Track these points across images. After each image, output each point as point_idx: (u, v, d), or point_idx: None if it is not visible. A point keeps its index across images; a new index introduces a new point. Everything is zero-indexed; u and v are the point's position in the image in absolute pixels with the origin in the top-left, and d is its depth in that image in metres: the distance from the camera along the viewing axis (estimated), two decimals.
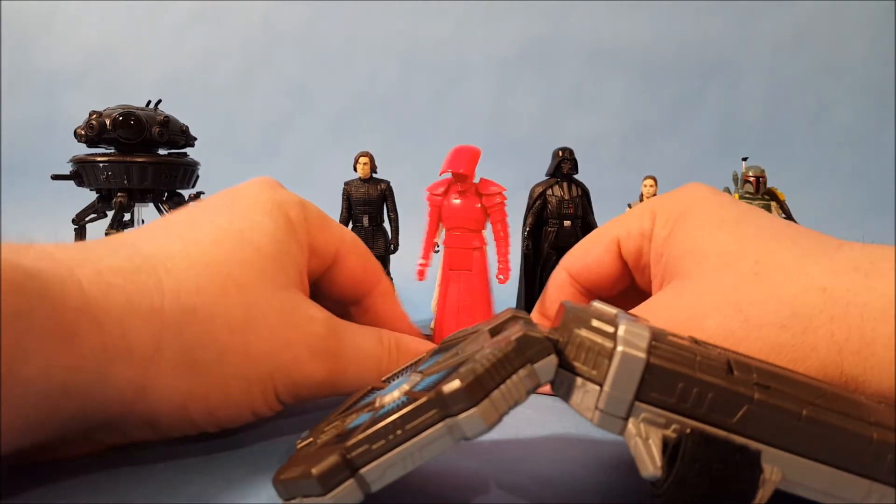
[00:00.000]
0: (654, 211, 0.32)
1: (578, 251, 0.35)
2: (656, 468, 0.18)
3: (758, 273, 0.26)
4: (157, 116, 0.54)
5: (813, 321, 0.24)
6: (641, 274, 0.33)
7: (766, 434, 0.18)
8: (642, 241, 0.32)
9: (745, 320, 0.25)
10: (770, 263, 0.26)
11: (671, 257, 0.30)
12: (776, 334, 0.24)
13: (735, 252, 0.28)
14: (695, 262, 0.29)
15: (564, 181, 0.61)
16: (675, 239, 0.30)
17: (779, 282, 0.25)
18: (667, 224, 0.31)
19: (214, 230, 0.28)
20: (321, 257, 0.32)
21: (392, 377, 0.28)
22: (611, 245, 0.33)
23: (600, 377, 0.19)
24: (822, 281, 0.24)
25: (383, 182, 0.61)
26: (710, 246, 0.29)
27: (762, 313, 0.25)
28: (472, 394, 0.18)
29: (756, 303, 0.25)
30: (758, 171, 0.64)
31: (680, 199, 0.32)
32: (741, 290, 0.26)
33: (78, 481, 0.24)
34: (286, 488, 0.20)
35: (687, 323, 0.26)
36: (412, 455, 0.19)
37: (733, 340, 0.25)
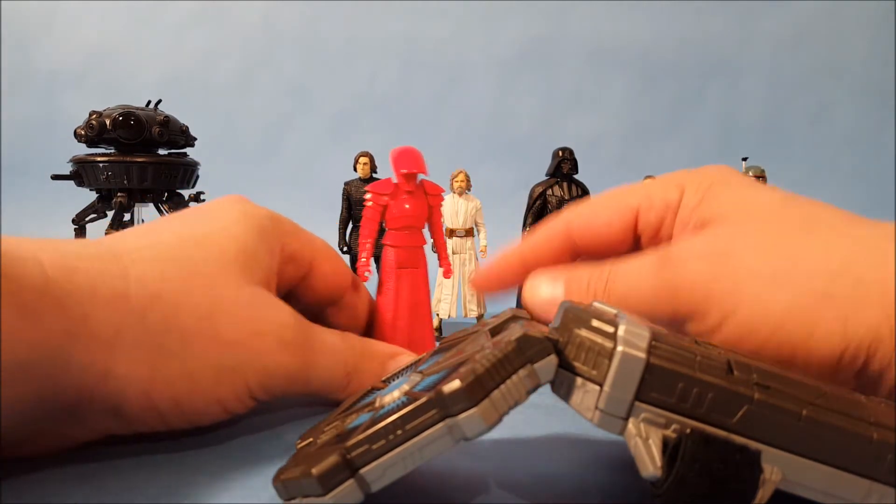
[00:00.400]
0: (683, 183, 0.30)
1: (587, 211, 0.32)
2: (656, 468, 0.18)
3: (807, 226, 0.25)
4: (157, 116, 0.54)
5: (865, 274, 0.22)
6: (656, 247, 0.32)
7: (767, 434, 0.18)
8: (666, 213, 0.30)
9: (796, 264, 0.23)
10: (819, 221, 0.25)
11: (705, 216, 0.28)
12: (826, 284, 0.23)
13: (782, 207, 0.26)
14: (736, 210, 0.27)
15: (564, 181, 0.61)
16: (709, 202, 0.28)
17: (830, 237, 0.24)
18: (698, 192, 0.29)
19: (180, 233, 0.28)
20: (298, 263, 0.33)
21: (392, 377, 0.28)
22: (626, 214, 0.31)
23: (600, 377, 0.19)
24: (874, 242, 0.23)
25: None
26: (754, 200, 0.27)
27: (813, 260, 0.23)
28: (472, 394, 0.18)
29: (807, 250, 0.24)
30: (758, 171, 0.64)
31: (711, 172, 0.30)
32: (790, 238, 0.24)
33: (78, 481, 0.24)
34: (286, 488, 0.20)
35: (727, 257, 0.24)
36: (412, 455, 0.19)
37: (780, 281, 0.23)
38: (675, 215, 0.30)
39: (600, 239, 0.32)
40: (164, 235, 0.28)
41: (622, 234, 0.31)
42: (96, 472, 0.25)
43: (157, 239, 0.27)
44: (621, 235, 0.31)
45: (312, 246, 0.34)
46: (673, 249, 0.27)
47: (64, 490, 0.24)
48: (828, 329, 0.22)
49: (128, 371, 0.24)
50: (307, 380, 0.29)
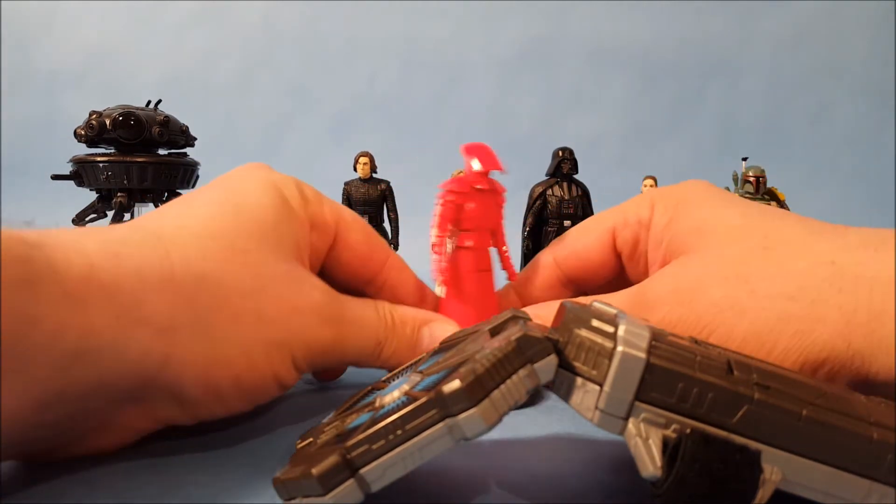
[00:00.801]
0: (653, 200, 0.32)
1: (569, 238, 0.35)
2: (656, 468, 0.18)
3: (766, 248, 0.26)
4: (157, 116, 0.54)
5: (821, 293, 0.23)
6: (635, 265, 0.33)
7: (766, 434, 0.18)
8: (639, 229, 0.32)
9: (752, 291, 0.25)
10: (778, 239, 0.26)
11: (674, 239, 0.30)
12: (783, 305, 0.24)
13: (742, 227, 0.28)
14: (700, 238, 0.28)
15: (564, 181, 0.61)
16: (677, 221, 0.30)
17: (787, 256, 0.25)
18: (667, 210, 0.31)
19: (211, 207, 0.28)
20: (322, 231, 0.32)
21: (392, 377, 0.28)
22: (604, 235, 0.33)
23: (600, 377, 0.19)
24: (832, 256, 0.24)
25: (383, 182, 0.61)
26: (716, 222, 0.29)
27: (770, 285, 0.25)
28: (472, 394, 0.18)
29: (764, 275, 0.25)
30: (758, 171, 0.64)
31: (681, 189, 0.32)
32: (749, 263, 0.26)
33: (78, 481, 0.24)
34: (286, 488, 0.20)
35: (692, 293, 0.26)
36: (412, 455, 0.19)
37: (739, 310, 0.25)
38: (648, 232, 0.32)
39: (585, 263, 0.34)
40: (200, 209, 0.28)
41: (604, 256, 0.33)
42: (96, 472, 0.25)
43: (194, 213, 0.28)
44: (603, 257, 0.33)
45: (338, 214, 0.33)
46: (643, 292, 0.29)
47: (64, 490, 0.24)
48: (784, 349, 0.24)
49: (186, 355, 0.24)
50: (343, 351, 0.30)
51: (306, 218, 0.31)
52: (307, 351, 0.28)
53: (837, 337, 0.23)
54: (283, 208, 0.30)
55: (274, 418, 0.32)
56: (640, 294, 0.29)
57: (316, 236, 0.32)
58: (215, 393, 0.26)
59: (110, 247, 0.23)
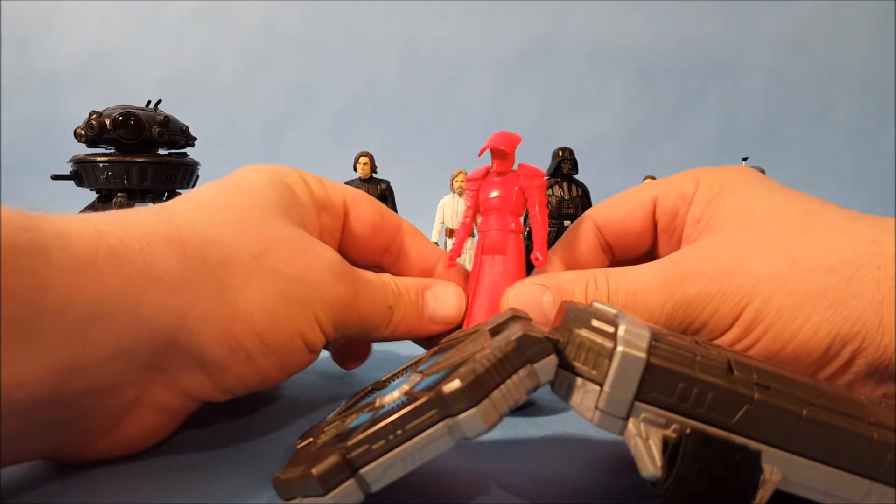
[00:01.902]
0: (699, 177, 0.32)
1: (611, 203, 0.35)
2: (656, 468, 0.18)
3: (807, 224, 0.26)
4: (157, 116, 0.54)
5: (860, 269, 0.24)
6: (668, 238, 0.33)
7: (767, 434, 0.18)
8: (681, 202, 0.32)
9: (793, 262, 0.25)
10: (819, 217, 0.27)
11: (714, 216, 0.30)
12: (822, 277, 0.24)
13: (782, 206, 0.28)
14: (741, 216, 0.28)
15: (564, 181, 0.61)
16: (720, 201, 0.30)
17: (828, 231, 0.26)
18: (711, 188, 0.31)
19: (213, 189, 0.29)
20: (332, 211, 0.33)
21: (392, 377, 0.28)
22: (646, 202, 0.33)
23: (600, 377, 0.19)
24: (872, 234, 0.25)
25: (383, 182, 0.61)
26: (756, 202, 0.29)
27: (810, 257, 0.25)
28: (472, 394, 0.18)
29: (805, 247, 0.25)
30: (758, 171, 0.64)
31: (728, 170, 0.32)
32: (790, 237, 0.26)
33: (77, 481, 0.24)
34: (286, 488, 0.20)
35: (731, 263, 0.26)
36: (412, 455, 0.19)
37: (779, 280, 0.25)
38: (689, 206, 0.32)
39: (624, 229, 0.34)
40: (202, 192, 0.28)
41: (643, 224, 0.33)
42: (95, 472, 0.25)
43: (197, 195, 0.28)
44: (643, 224, 0.33)
45: (343, 192, 0.34)
46: (680, 263, 0.28)
47: (63, 490, 0.24)
48: (817, 322, 0.24)
49: (205, 311, 0.24)
50: (359, 312, 0.30)
51: (312, 203, 0.31)
52: (328, 307, 0.28)
53: (871, 312, 0.23)
54: (285, 191, 0.30)
55: (274, 418, 0.32)
56: (675, 265, 0.28)
57: (326, 217, 0.32)
58: (241, 352, 0.25)
59: (116, 216, 0.24)
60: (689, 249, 0.29)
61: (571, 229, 0.36)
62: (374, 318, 0.31)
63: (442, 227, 0.62)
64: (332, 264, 0.28)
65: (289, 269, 0.26)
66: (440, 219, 0.62)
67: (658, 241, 0.34)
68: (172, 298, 0.23)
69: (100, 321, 0.21)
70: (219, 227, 0.26)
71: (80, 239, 0.21)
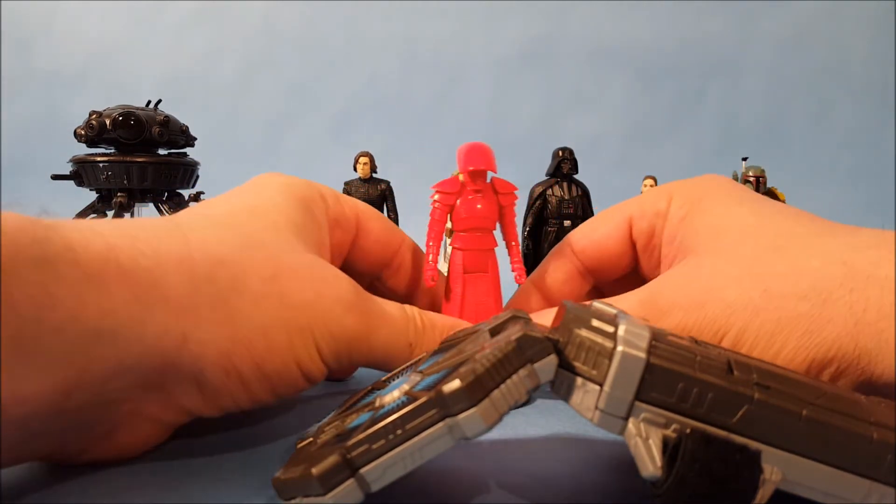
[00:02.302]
0: (672, 193, 0.32)
1: (586, 227, 0.35)
2: (656, 468, 0.18)
3: (778, 247, 0.26)
4: (157, 116, 0.54)
5: (833, 293, 0.24)
6: (649, 256, 0.33)
7: (767, 434, 0.18)
8: (656, 220, 0.32)
9: (765, 290, 0.25)
10: (790, 238, 0.27)
11: (687, 236, 0.30)
12: (795, 304, 0.24)
13: (755, 226, 0.28)
14: (713, 237, 0.29)
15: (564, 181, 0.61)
16: (692, 218, 0.30)
17: (799, 255, 0.26)
18: (684, 205, 0.31)
19: (227, 205, 0.29)
20: (345, 227, 0.33)
21: (392, 377, 0.28)
22: (621, 224, 0.33)
23: (600, 377, 0.19)
24: (843, 255, 0.24)
25: (383, 182, 0.61)
26: (729, 222, 0.29)
27: (782, 284, 0.25)
28: (472, 394, 0.18)
29: (776, 274, 0.25)
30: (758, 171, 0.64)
31: (699, 184, 0.32)
32: (761, 262, 0.26)
33: (77, 481, 0.24)
34: (286, 488, 0.20)
35: (705, 294, 0.26)
36: (412, 455, 0.19)
37: (752, 310, 0.25)
38: (665, 223, 0.32)
39: (602, 253, 0.34)
40: (217, 208, 0.28)
41: (621, 245, 0.33)
42: (96, 472, 0.25)
43: (211, 211, 0.28)
44: (620, 246, 0.33)
45: (356, 208, 0.34)
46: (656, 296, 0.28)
47: (63, 490, 0.24)
48: (793, 348, 0.24)
49: (206, 334, 0.24)
50: (370, 346, 0.29)
51: (326, 219, 0.32)
52: (331, 339, 0.27)
53: (846, 336, 0.23)
54: (299, 208, 0.30)
55: (274, 418, 0.32)
56: (651, 298, 0.29)
57: (340, 233, 0.33)
58: (236, 377, 0.25)
59: (127, 230, 0.23)
60: (664, 279, 0.29)
61: (549, 257, 0.36)
62: (390, 353, 0.30)
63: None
64: (345, 294, 0.28)
65: (297, 297, 0.26)
66: None
67: (639, 260, 0.34)
68: (176, 320, 0.23)
69: (104, 338, 0.21)
70: (231, 248, 0.26)
71: (89, 253, 0.21)
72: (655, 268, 0.33)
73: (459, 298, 0.37)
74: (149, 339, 0.22)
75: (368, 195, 0.61)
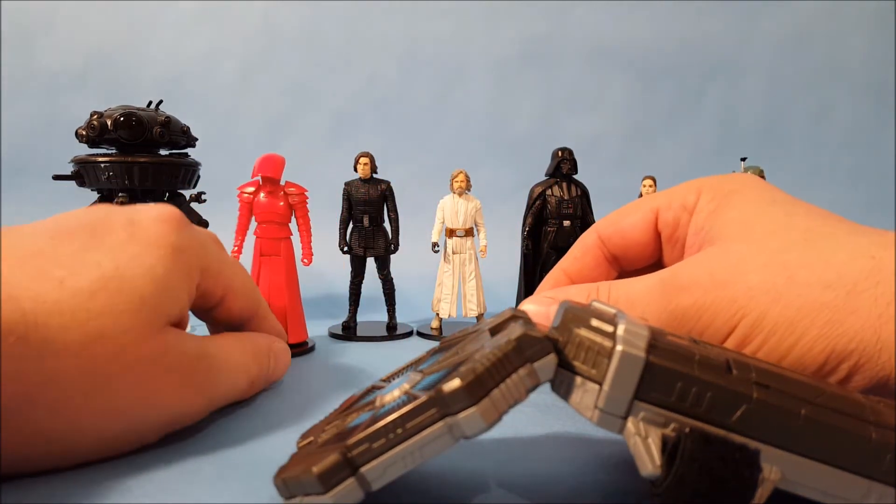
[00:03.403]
0: (701, 187, 0.32)
1: (614, 215, 0.35)
2: (655, 467, 0.18)
3: (807, 241, 0.26)
4: (158, 117, 0.54)
5: (858, 284, 0.24)
6: (672, 247, 0.33)
7: (766, 433, 0.18)
8: (682, 212, 0.32)
9: (790, 277, 0.25)
10: (820, 233, 0.26)
11: (715, 227, 0.30)
12: (819, 293, 0.24)
13: (785, 223, 0.28)
14: (742, 229, 0.28)
15: (564, 181, 0.61)
16: (722, 212, 0.30)
17: (828, 248, 0.25)
18: (714, 199, 0.31)
19: (97, 275, 0.26)
20: (207, 299, 0.34)
21: (392, 377, 0.28)
22: (648, 214, 0.33)
23: (600, 376, 0.19)
24: (871, 251, 0.24)
25: (384, 182, 0.61)
26: (759, 217, 0.29)
27: (808, 273, 0.25)
28: (472, 393, 0.18)
29: (803, 264, 0.25)
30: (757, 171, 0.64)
31: (730, 180, 0.32)
32: (789, 252, 0.26)
33: (77, 481, 0.24)
34: (287, 487, 0.20)
35: (728, 275, 0.26)
36: (412, 454, 0.19)
37: (774, 295, 0.25)
38: (691, 216, 0.32)
39: (628, 241, 0.34)
40: (79, 278, 0.25)
41: (646, 235, 0.33)
42: (96, 473, 0.25)
43: (72, 286, 0.25)
44: (646, 236, 0.33)
45: (228, 284, 0.35)
46: (677, 274, 0.28)
47: (64, 490, 0.24)
48: (813, 337, 0.24)
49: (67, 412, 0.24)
50: (212, 407, 0.31)
51: (196, 284, 0.32)
52: (173, 423, 0.29)
53: (869, 329, 0.23)
54: (176, 276, 0.29)
55: (274, 418, 0.32)
56: (672, 276, 0.28)
57: (200, 301, 0.34)
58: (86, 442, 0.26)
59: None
60: (689, 260, 0.29)
61: (577, 243, 0.36)
62: (232, 398, 0.33)
63: (442, 227, 0.62)
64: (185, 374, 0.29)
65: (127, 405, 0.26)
66: (440, 219, 0.62)
67: (663, 252, 0.34)
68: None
69: None
70: (70, 346, 0.24)
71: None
72: (678, 259, 0.33)
73: (255, 276, 0.51)
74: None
75: (369, 195, 0.61)
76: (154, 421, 0.28)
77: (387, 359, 0.49)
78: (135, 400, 0.26)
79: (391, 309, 0.63)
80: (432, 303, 0.63)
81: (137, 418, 0.27)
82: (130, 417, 0.27)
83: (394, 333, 0.59)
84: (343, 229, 0.62)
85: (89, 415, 0.25)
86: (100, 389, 0.25)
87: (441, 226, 0.62)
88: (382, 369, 0.33)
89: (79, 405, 0.25)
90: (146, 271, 0.27)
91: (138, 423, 0.27)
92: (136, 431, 0.27)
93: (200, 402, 0.30)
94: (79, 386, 0.24)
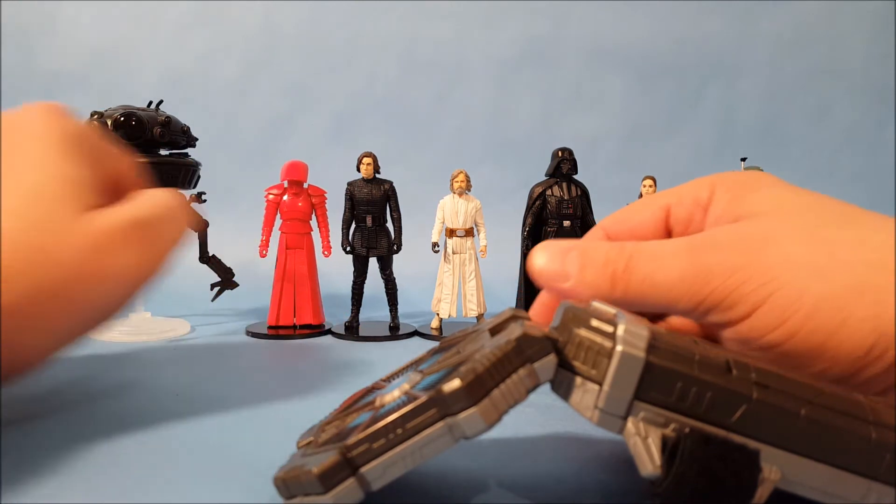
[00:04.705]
0: (714, 182, 0.30)
1: (621, 213, 0.34)
2: (655, 467, 0.18)
3: (842, 220, 0.25)
4: (158, 117, 0.54)
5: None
6: None
7: (765, 433, 0.18)
8: (695, 209, 0.30)
9: (831, 254, 0.23)
10: (853, 216, 0.25)
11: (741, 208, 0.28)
12: (864, 272, 0.23)
13: (814, 202, 0.26)
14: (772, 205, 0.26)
15: (564, 181, 0.61)
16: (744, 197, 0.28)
17: (865, 231, 0.24)
18: (731, 190, 0.29)
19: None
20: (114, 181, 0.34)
21: (392, 377, 0.28)
22: (658, 211, 0.32)
23: (600, 376, 0.19)
24: None
25: (386, 182, 0.61)
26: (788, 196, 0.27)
27: (849, 251, 0.23)
28: (472, 393, 0.18)
29: (843, 241, 0.24)
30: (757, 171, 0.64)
31: (743, 174, 0.31)
32: (828, 229, 0.24)
33: (77, 481, 0.24)
34: (287, 487, 0.20)
35: (763, 243, 0.24)
36: (412, 454, 0.19)
37: (816, 270, 0.23)
38: (705, 212, 0.30)
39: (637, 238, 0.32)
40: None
41: (655, 234, 0.32)
42: (96, 472, 0.25)
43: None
44: (657, 234, 0.32)
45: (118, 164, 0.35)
46: (707, 234, 0.26)
47: (64, 490, 0.24)
48: (861, 318, 0.22)
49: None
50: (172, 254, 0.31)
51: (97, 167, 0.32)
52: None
53: None
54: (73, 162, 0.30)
55: (274, 418, 0.32)
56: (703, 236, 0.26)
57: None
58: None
59: None
60: (720, 227, 0.27)
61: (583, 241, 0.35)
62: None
63: (442, 226, 0.62)
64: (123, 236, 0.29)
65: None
66: (440, 219, 0.62)
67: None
68: None
69: None
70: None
71: None
72: None
73: (282, 265, 0.61)
74: None
75: (372, 195, 0.61)
76: (124, 294, 0.29)
77: (389, 359, 0.49)
78: (100, 294, 0.28)
79: (394, 309, 0.63)
80: (432, 303, 0.63)
81: (107, 305, 0.28)
82: (103, 307, 0.28)
83: (396, 333, 0.59)
84: (346, 229, 0.62)
85: (66, 325, 0.27)
86: (61, 300, 0.26)
87: (441, 226, 0.62)
88: (384, 369, 0.33)
89: (48, 325, 0.26)
90: (42, 170, 0.29)
91: (110, 307, 0.29)
92: (110, 312, 0.29)
93: (157, 259, 0.30)
94: (45, 306, 0.26)
